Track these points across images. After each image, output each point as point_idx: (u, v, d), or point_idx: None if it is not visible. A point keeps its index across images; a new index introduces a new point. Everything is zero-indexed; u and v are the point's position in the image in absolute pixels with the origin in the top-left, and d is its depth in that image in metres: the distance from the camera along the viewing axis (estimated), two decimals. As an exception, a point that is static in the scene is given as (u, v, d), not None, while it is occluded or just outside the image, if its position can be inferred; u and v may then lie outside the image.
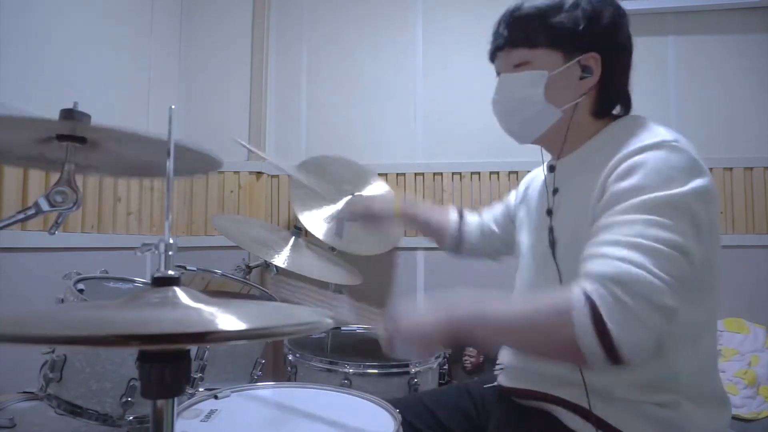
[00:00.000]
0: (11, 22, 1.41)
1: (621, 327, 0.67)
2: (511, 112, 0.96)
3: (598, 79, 0.91)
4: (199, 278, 1.61)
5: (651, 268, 0.69)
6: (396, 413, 0.92)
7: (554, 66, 0.90)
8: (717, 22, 2.21)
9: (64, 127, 0.81)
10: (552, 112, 0.91)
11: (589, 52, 0.90)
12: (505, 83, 0.95)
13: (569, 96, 0.91)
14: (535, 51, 0.91)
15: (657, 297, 0.69)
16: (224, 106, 2.27)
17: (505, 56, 0.94)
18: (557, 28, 0.89)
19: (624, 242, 0.72)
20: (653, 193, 0.74)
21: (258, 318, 0.48)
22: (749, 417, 1.65)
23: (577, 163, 0.93)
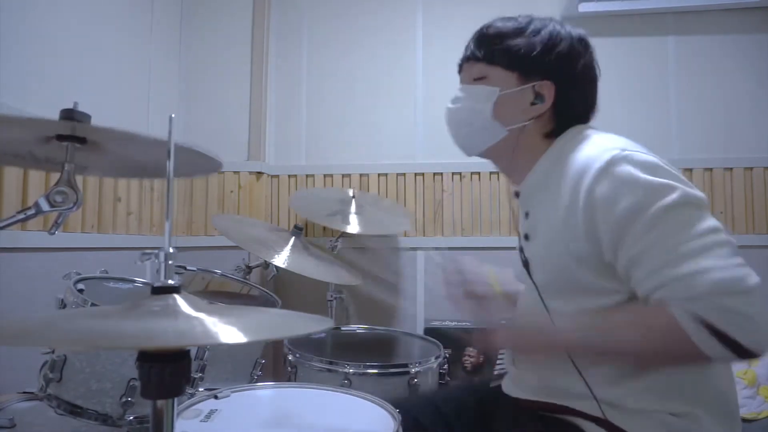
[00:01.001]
0: (11, 22, 1.41)
1: (744, 331, 0.68)
2: (460, 123, 1.01)
3: (551, 106, 0.93)
4: (199, 278, 1.61)
5: (717, 263, 0.71)
6: (396, 413, 0.92)
7: (507, 86, 0.94)
8: (717, 22, 2.21)
9: (64, 127, 0.81)
10: (498, 129, 0.95)
11: (544, 79, 0.93)
12: (460, 93, 1.00)
13: (517, 118, 0.94)
14: (492, 68, 0.95)
15: (746, 283, 0.69)
16: (224, 106, 2.27)
17: (468, 68, 1.00)
18: (513, 51, 0.93)
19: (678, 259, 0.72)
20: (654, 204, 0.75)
21: (259, 329, 0.48)
22: (749, 417, 1.65)
23: (537, 186, 0.95)
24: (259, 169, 2.25)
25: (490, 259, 1.31)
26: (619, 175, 0.78)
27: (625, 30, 2.22)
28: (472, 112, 0.97)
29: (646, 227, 0.75)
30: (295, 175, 2.36)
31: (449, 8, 2.32)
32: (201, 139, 2.25)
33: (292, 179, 2.36)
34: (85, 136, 0.84)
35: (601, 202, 0.79)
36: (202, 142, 2.41)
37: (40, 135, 0.83)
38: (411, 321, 2.24)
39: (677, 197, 0.75)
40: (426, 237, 2.28)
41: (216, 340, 0.44)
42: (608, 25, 2.22)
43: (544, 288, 0.91)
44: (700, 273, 0.70)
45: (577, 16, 2.22)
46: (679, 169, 0.82)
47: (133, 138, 0.82)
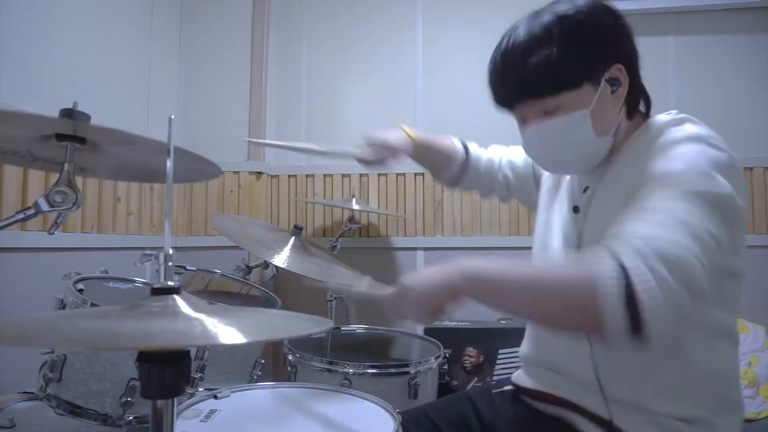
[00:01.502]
0: (11, 22, 1.41)
1: (655, 301, 0.62)
2: (569, 160, 0.90)
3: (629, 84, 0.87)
4: (199, 278, 1.61)
5: (694, 248, 0.66)
6: (396, 413, 0.92)
7: (589, 99, 0.84)
8: (717, 22, 2.21)
9: (64, 126, 0.81)
10: (605, 140, 0.87)
11: (611, 65, 0.85)
12: (543, 133, 0.88)
13: (613, 118, 0.87)
14: (562, 95, 0.84)
15: (696, 280, 0.65)
16: (224, 105, 2.27)
17: (529, 107, 0.88)
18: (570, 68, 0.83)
19: (665, 222, 0.68)
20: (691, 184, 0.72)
21: (259, 330, 0.48)
22: (749, 417, 1.65)
23: (613, 164, 0.89)
24: (259, 169, 2.25)
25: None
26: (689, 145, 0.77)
27: (625, 30, 2.22)
28: (572, 143, 0.86)
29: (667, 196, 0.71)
30: (295, 175, 2.36)
31: (449, 8, 2.32)
32: (201, 139, 2.25)
33: (291, 179, 2.36)
34: (85, 137, 0.84)
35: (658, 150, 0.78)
36: (202, 141, 2.42)
37: (39, 133, 0.82)
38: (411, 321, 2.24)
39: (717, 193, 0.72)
40: (426, 237, 2.28)
41: (216, 340, 0.44)
42: (608, 25, 2.22)
43: None
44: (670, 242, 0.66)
45: (577, 16, 2.23)
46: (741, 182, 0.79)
47: (133, 139, 0.82)
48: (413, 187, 2.30)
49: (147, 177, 1.17)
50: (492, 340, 1.81)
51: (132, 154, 0.94)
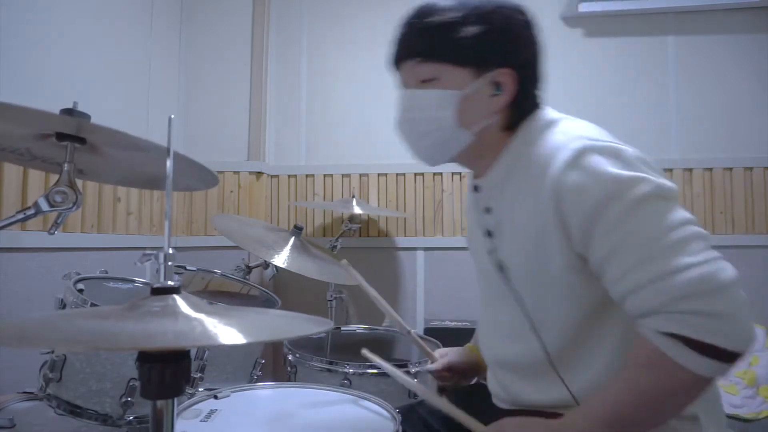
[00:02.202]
0: (11, 22, 1.41)
1: (716, 333, 0.64)
2: (419, 136, 0.89)
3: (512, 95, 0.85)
4: (198, 278, 1.61)
5: (687, 261, 0.66)
6: (396, 413, 0.92)
7: (465, 84, 0.83)
8: (717, 22, 2.21)
9: (63, 124, 0.81)
10: (463, 135, 0.86)
11: (501, 67, 0.83)
12: (411, 101, 0.88)
13: (481, 117, 0.85)
14: (442, 66, 0.84)
15: (713, 280, 0.65)
16: (224, 106, 2.27)
17: (410, 69, 0.87)
18: (461, 42, 0.82)
19: (645, 261, 0.69)
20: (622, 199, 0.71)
21: (259, 330, 0.48)
22: (749, 417, 1.65)
23: (500, 179, 0.87)
24: (259, 169, 2.25)
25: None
26: (588, 165, 0.74)
27: (625, 30, 2.22)
28: (431, 121, 0.86)
29: (617, 222, 0.71)
30: (295, 175, 2.36)
31: (449, 8, 2.32)
32: (201, 139, 2.25)
33: (291, 179, 2.36)
34: (85, 137, 0.84)
35: (571, 194, 0.74)
36: (202, 141, 2.42)
37: (39, 131, 0.82)
38: (411, 321, 2.25)
39: (648, 189, 0.71)
40: (426, 237, 2.28)
41: (215, 341, 0.44)
42: (608, 25, 2.22)
43: (522, 286, 0.85)
44: (671, 274, 0.66)
45: (577, 16, 2.23)
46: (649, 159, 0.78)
47: (132, 141, 0.82)
48: (413, 187, 2.30)
49: (146, 183, 1.16)
50: (492, 340, 1.81)
51: (131, 158, 0.94)
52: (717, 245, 0.70)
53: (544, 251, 0.79)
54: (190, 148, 2.20)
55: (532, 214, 0.80)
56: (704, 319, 0.64)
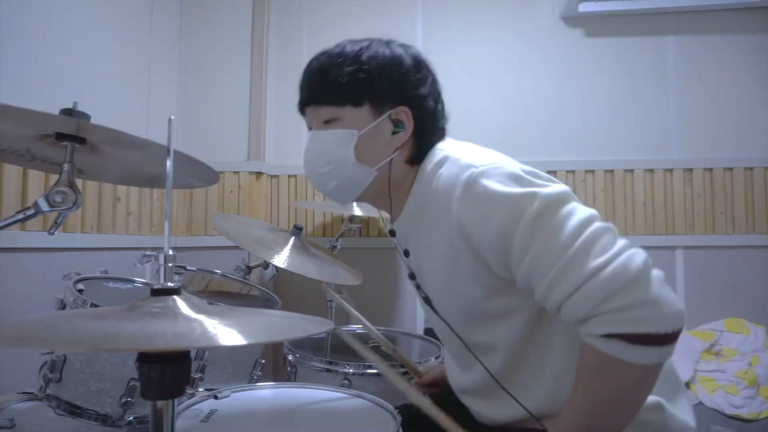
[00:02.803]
0: (11, 22, 1.41)
1: (647, 321, 0.66)
2: (325, 175, 0.92)
3: (412, 131, 0.89)
4: (198, 278, 1.61)
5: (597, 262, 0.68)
6: (396, 413, 0.92)
7: (364, 123, 0.87)
8: (717, 22, 2.21)
9: (63, 124, 0.81)
10: (366, 172, 0.89)
11: (398, 106, 0.88)
12: (314, 141, 0.92)
13: (383, 154, 0.89)
14: (341, 108, 0.88)
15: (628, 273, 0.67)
16: (224, 106, 2.27)
17: (314, 111, 0.92)
18: (355, 85, 0.87)
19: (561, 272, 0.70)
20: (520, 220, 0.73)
21: (259, 331, 0.48)
22: (749, 417, 1.65)
23: (411, 222, 0.92)
24: (259, 169, 2.25)
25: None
26: (478, 195, 0.77)
27: (625, 30, 2.22)
28: (333, 160, 0.89)
29: (522, 243, 0.73)
30: (295, 175, 2.36)
31: (449, 8, 2.32)
32: (201, 139, 2.25)
33: (291, 179, 2.36)
34: (84, 137, 0.84)
35: (472, 227, 0.77)
36: (201, 142, 2.42)
37: (39, 132, 0.82)
38: (411, 321, 2.24)
39: (540, 204, 0.73)
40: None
41: (215, 342, 0.44)
42: (608, 25, 2.22)
43: (454, 321, 0.90)
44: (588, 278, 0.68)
45: (577, 16, 2.23)
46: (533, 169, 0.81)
47: (132, 141, 0.82)
48: (413, 187, 2.30)
49: (146, 182, 1.16)
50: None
51: (131, 157, 0.94)
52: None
53: (464, 286, 0.83)
54: (190, 148, 2.19)
55: (445, 252, 0.83)
56: (632, 311, 0.66)
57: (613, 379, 0.70)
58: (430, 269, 0.89)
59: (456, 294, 0.85)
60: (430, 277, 0.90)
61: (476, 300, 0.83)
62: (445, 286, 0.87)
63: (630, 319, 0.66)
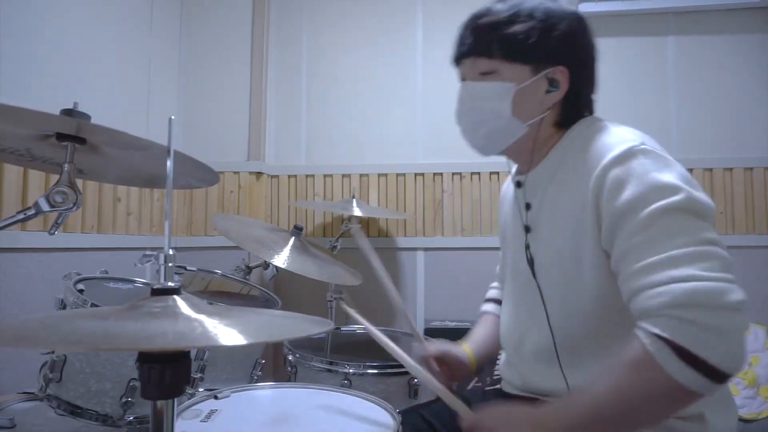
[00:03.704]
0: (11, 22, 1.41)
1: (707, 347, 0.64)
2: (477, 125, 0.94)
3: (565, 93, 0.90)
4: (199, 278, 1.61)
5: (699, 273, 0.66)
6: (396, 413, 0.92)
7: (521, 79, 0.88)
8: (717, 22, 2.21)
9: (63, 124, 0.81)
10: (517, 126, 0.90)
11: (556, 65, 0.89)
12: (469, 92, 0.93)
13: (535, 111, 0.90)
14: (500, 62, 0.89)
15: (721, 298, 0.65)
16: (224, 106, 2.27)
17: (470, 64, 0.93)
18: (518, 40, 0.87)
19: (658, 264, 0.69)
20: (654, 203, 0.73)
21: (260, 331, 0.48)
22: (749, 417, 1.65)
23: (545, 176, 0.92)
24: (259, 169, 2.25)
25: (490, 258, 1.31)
26: (632, 165, 0.77)
27: (625, 30, 2.22)
28: (488, 111, 0.90)
29: (641, 225, 0.73)
30: (295, 176, 2.36)
31: (449, 8, 2.32)
32: (201, 139, 2.25)
33: (291, 179, 2.36)
34: (85, 137, 0.84)
35: (609, 188, 0.77)
36: (202, 142, 2.42)
37: (39, 132, 0.82)
38: (411, 321, 2.24)
39: (680, 200, 0.72)
40: (426, 237, 2.28)
41: (216, 342, 0.44)
42: (608, 25, 2.22)
43: (547, 286, 0.89)
44: (665, 283, 0.67)
45: (577, 16, 2.22)
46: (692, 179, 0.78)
47: (132, 141, 0.82)
48: (413, 187, 2.30)
49: (146, 182, 1.16)
50: (492, 340, 1.81)
51: (131, 158, 0.94)
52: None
53: (578, 248, 0.83)
54: (190, 148, 2.19)
55: (573, 210, 0.83)
56: (700, 331, 0.64)
57: (644, 382, 0.67)
58: (551, 223, 0.88)
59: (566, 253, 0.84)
60: (547, 232, 0.89)
61: (581, 266, 0.82)
62: (558, 242, 0.86)
63: (694, 335, 0.64)
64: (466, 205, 2.27)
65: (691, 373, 0.64)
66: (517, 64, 0.88)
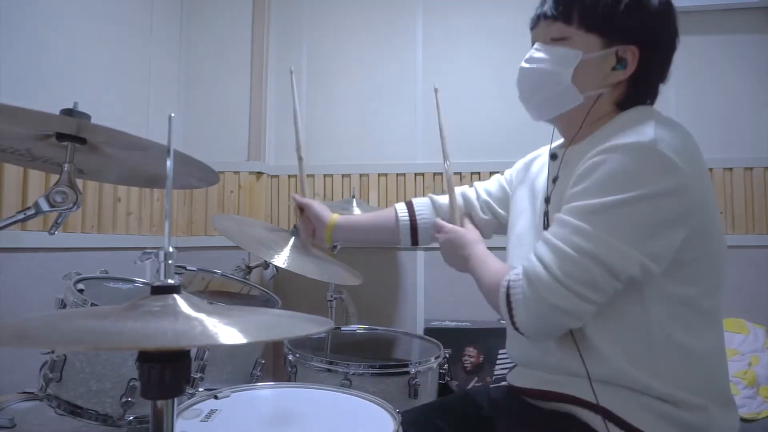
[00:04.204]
0: (11, 22, 1.41)
1: (519, 313, 0.81)
2: (535, 85, 0.93)
3: (631, 74, 0.88)
4: (199, 278, 1.61)
5: (555, 270, 0.77)
6: (396, 413, 0.92)
7: (590, 49, 0.87)
8: (717, 22, 2.21)
9: (63, 124, 0.81)
10: (574, 95, 0.89)
11: (629, 44, 0.87)
12: (536, 54, 0.92)
13: (595, 84, 0.89)
14: (574, 29, 0.88)
15: (552, 297, 0.77)
16: (224, 106, 2.27)
17: (544, 27, 0.92)
18: (598, 11, 0.86)
19: (549, 242, 0.80)
20: (593, 199, 0.77)
21: (259, 330, 0.48)
22: (749, 417, 1.65)
23: (579, 154, 0.89)
24: (259, 169, 2.25)
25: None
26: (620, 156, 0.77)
27: (625, 30, 2.21)
28: (550, 75, 0.89)
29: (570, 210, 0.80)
30: (295, 176, 2.36)
31: (449, 8, 2.32)
32: (201, 140, 2.25)
33: (291, 179, 2.36)
34: (85, 136, 0.84)
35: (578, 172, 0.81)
36: (202, 142, 2.42)
37: (39, 132, 0.83)
38: (411, 321, 2.24)
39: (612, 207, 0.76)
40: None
41: (216, 341, 0.44)
42: (608, 25, 2.21)
43: None
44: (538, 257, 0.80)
45: (577, 16, 2.22)
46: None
47: (132, 141, 0.82)
48: (413, 187, 2.30)
49: (146, 182, 1.17)
50: (492, 340, 1.81)
51: (131, 157, 0.94)
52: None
53: None
54: (190, 148, 2.19)
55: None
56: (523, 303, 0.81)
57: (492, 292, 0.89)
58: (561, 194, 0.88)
59: None
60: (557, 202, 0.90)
61: None
62: None
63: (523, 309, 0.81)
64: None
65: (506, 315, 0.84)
66: (590, 34, 0.87)
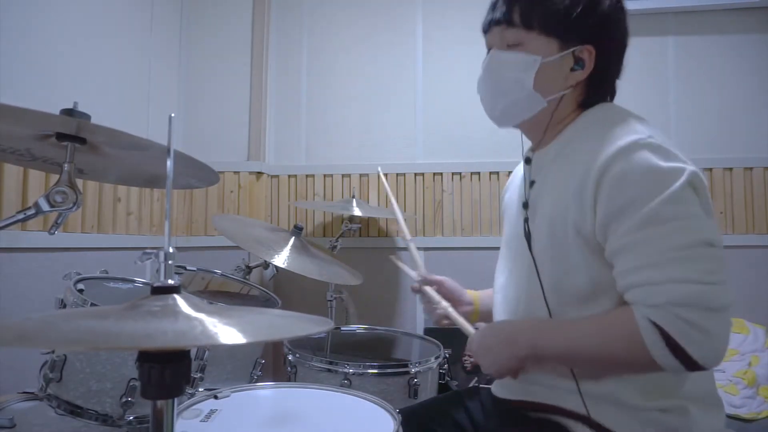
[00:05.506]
0: (11, 22, 1.41)
1: (696, 345, 0.70)
2: (497, 94, 0.93)
3: (589, 73, 0.89)
4: (199, 278, 1.61)
5: (694, 276, 0.71)
6: (396, 413, 0.92)
7: (548, 53, 0.88)
8: (717, 22, 2.21)
9: (63, 124, 0.81)
10: (538, 100, 0.90)
11: (585, 44, 0.88)
12: (495, 61, 0.92)
13: (557, 86, 0.89)
14: (530, 34, 0.88)
15: (714, 301, 0.71)
16: (224, 106, 2.27)
17: (499, 33, 0.92)
18: (551, 14, 0.87)
19: (656, 263, 0.73)
20: (654, 200, 0.74)
21: (260, 330, 0.48)
22: (749, 417, 1.65)
23: (551, 155, 0.92)
24: (259, 169, 2.25)
25: (490, 258, 1.31)
26: (635, 159, 0.77)
27: (625, 30, 2.22)
28: (511, 82, 0.90)
29: (640, 222, 0.75)
30: (295, 175, 2.36)
31: (449, 9, 2.32)
32: (201, 140, 2.25)
33: (291, 179, 2.36)
34: (85, 136, 0.84)
35: (610, 182, 0.78)
36: (202, 142, 2.42)
37: (39, 132, 0.83)
38: (411, 321, 2.25)
39: (678, 197, 0.74)
40: (426, 237, 2.28)
41: (216, 340, 0.44)
42: (608, 25, 2.21)
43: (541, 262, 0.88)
44: (663, 282, 0.72)
45: (577, 16, 2.22)
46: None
47: (132, 141, 0.82)
48: (413, 187, 2.30)
49: (146, 182, 1.16)
50: (492, 340, 1.81)
51: (131, 157, 0.94)
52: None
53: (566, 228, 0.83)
54: (190, 148, 2.19)
55: (572, 191, 0.83)
56: (692, 329, 0.70)
57: (625, 353, 0.75)
58: (549, 199, 0.88)
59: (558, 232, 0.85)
60: (544, 207, 0.89)
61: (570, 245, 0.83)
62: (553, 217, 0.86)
63: (685, 331, 0.70)
64: (466, 205, 2.27)
65: (672, 359, 0.71)
66: (547, 38, 0.87)
